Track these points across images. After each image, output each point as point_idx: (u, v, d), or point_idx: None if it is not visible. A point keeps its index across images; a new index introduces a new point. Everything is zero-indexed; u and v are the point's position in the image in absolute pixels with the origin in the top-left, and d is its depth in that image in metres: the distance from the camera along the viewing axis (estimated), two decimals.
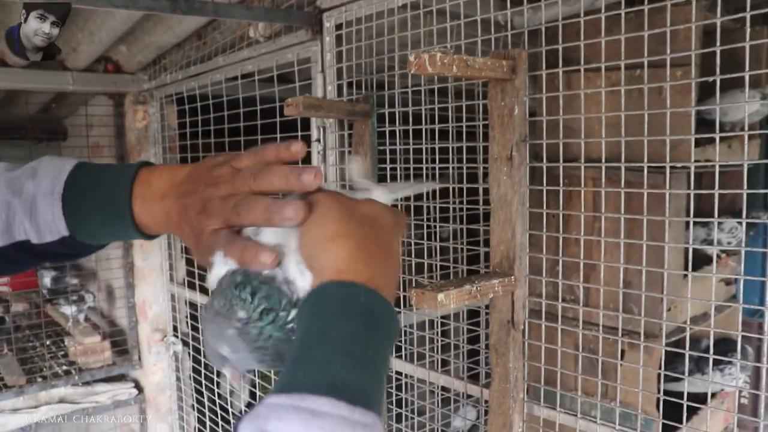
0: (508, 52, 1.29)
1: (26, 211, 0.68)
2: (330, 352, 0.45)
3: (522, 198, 1.34)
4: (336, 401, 0.42)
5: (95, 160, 2.97)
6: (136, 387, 3.04)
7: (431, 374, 1.68)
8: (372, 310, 0.48)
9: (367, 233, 0.53)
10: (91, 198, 0.68)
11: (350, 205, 0.55)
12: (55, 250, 0.69)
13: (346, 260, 0.51)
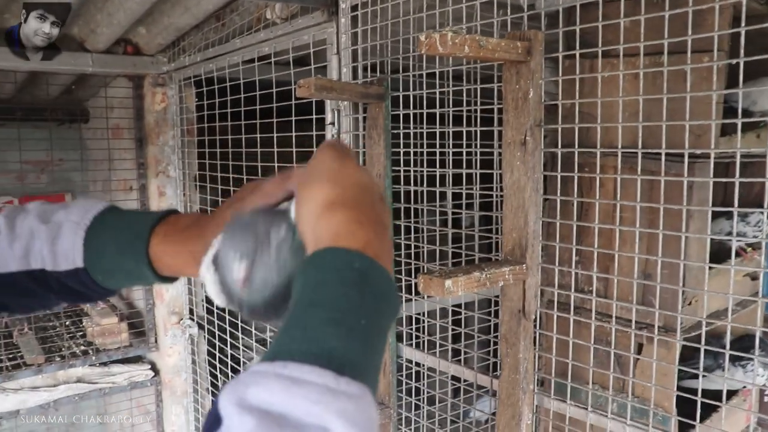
0: (523, 33, 1.25)
1: (49, 238, 0.70)
2: (318, 319, 0.43)
3: (536, 184, 1.31)
4: (321, 370, 0.40)
5: (115, 142, 2.99)
6: (152, 369, 3.06)
7: (442, 363, 1.66)
8: (367, 277, 0.45)
9: (360, 198, 0.51)
10: (112, 232, 0.71)
11: (341, 170, 0.53)
12: (67, 283, 0.70)
13: (343, 224, 0.49)
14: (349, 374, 0.40)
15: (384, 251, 0.49)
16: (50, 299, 0.72)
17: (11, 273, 0.69)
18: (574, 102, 1.34)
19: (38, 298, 0.71)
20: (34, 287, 0.70)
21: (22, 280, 0.69)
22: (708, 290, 1.48)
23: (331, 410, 0.38)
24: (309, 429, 0.37)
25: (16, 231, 0.70)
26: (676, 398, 1.61)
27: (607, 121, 1.51)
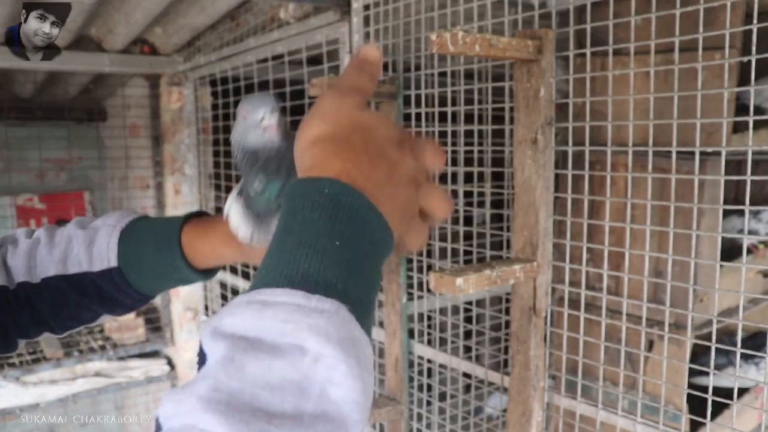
0: (534, 32, 1.26)
1: (86, 241, 0.74)
2: (290, 244, 0.42)
3: (546, 182, 1.32)
4: (291, 290, 0.39)
5: (132, 140, 3.03)
6: (168, 364, 3.11)
7: (453, 360, 1.67)
8: (338, 201, 0.44)
9: (347, 134, 0.49)
10: (145, 231, 0.75)
11: (334, 108, 0.51)
12: (102, 285, 0.73)
13: (319, 157, 0.47)
14: (322, 292, 0.40)
15: (369, 181, 0.46)
16: (85, 306, 0.73)
17: (51, 277, 0.72)
18: (585, 100, 1.35)
19: (74, 307, 0.73)
20: (70, 292, 0.72)
21: (59, 285, 0.72)
22: (719, 288, 1.48)
23: (302, 327, 0.37)
24: (283, 348, 0.37)
25: (55, 240, 0.74)
26: (687, 395, 1.61)
27: (618, 118, 1.52)
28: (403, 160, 0.49)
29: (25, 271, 0.72)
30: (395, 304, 1.74)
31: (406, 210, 0.49)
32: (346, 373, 0.37)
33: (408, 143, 0.51)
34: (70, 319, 0.75)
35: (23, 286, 0.72)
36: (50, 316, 0.73)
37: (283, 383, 0.36)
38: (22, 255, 0.73)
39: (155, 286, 0.75)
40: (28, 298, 0.71)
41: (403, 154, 0.50)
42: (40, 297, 0.72)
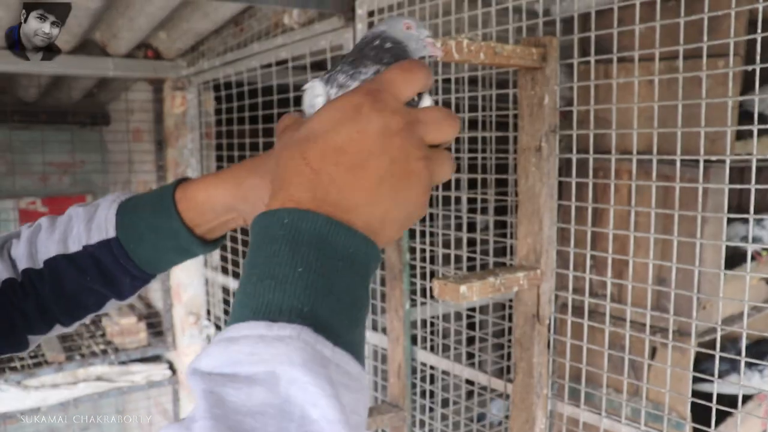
0: (538, 40, 1.26)
1: (85, 218, 0.73)
2: (255, 278, 0.43)
3: (550, 190, 1.32)
4: (254, 323, 0.40)
5: (135, 144, 3.03)
6: (170, 368, 3.11)
7: (456, 366, 1.67)
8: (298, 228, 0.44)
9: (338, 141, 0.47)
10: (142, 199, 0.73)
11: (346, 115, 0.49)
12: (100, 258, 0.71)
13: (290, 172, 0.47)
14: (285, 319, 0.40)
15: (347, 193, 0.46)
16: (86, 287, 0.71)
17: (52, 258, 0.71)
18: (589, 108, 1.35)
19: (76, 288, 0.71)
20: (71, 272, 0.71)
21: (60, 265, 0.71)
22: (723, 297, 1.48)
23: (265, 358, 0.38)
24: (257, 377, 0.38)
25: (56, 223, 0.74)
26: (691, 402, 1.61)
27: (621, 125, 1.52)
28: (405, 151, 0.48)
29: (27, 258, 0.72)
30: (398, 311, 1.74)
31: (408, 200, 0.49)
32: (317, 393, 0.37)
33: (413, 124, 0.49)
34: (73, 305, 0.74)
35: (26, 272, 0.71)
36: (54, 301, 0.72)
37: (264, 408, 0.37)
38: (23, 243, 0.73)
39: (154, 258, 0.73)
40: (32, 284, 0.71)
41: (406, 143, 0.48)
42: (42, 281, 0.71)
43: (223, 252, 2.79)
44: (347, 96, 0.50)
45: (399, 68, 0.52)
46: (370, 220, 0.47)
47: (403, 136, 0.48)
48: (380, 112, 0.48)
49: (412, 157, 0.49)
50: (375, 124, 0.48)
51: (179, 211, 0.71)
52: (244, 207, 0.70)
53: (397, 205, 0.48)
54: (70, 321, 0.74)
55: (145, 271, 0.73)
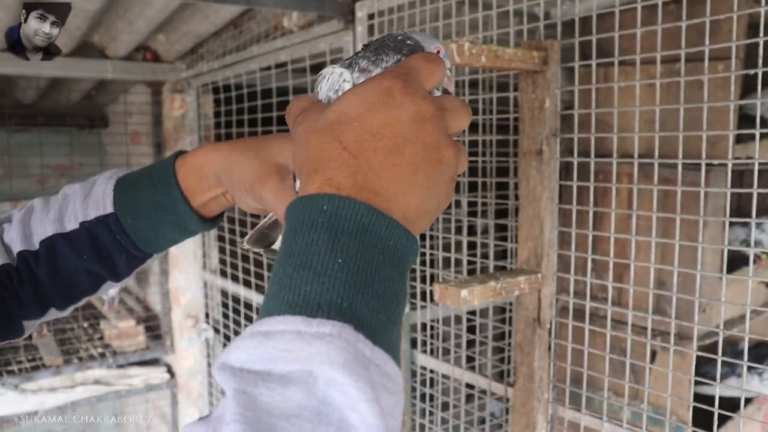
0: (539, 43, 1.26)
1: (81, 194, 0.72)
2: (291, 269, 0.41)
3: (551, 194, 1.31)
4: (291, 317, 0.38)
5: (134, 147, 3.03)
6: (168, 372, 3.09)
7: (456, 370, 1.67)
8: (338, 216, 0.42)
9: (373, 127, 0.46)
10: (141, 174, 0.72)
11: (378, 102, 0.47)
12: (97, 234, 0.69)
13: (327, 155, 0.45)
14: (324, 315, 0.38)
15: (383, 180, 0.44)
16: (82, 267, 0.70)
17: (48, 237, 0.70)
18: (591, 111, 1.35)
19: (72, 268, 0.70)
20: (67, 251, 0.69)
21: (56, 244, 0.70)
22: (724, 301, 1.48)
23: (303, 356, 0.36)
24: (292, 376, 0.36)
25: (50, 203, 0.72)
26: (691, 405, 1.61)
27: (622, 128, 1.52)
28: (437, 138, 0.47)
29: (21, 240, 0.70)
30: None
31: (439, 190, 0.47)
32: (358, 397, 0.36)
33: (442, 110, 0.48)
34: (69, 286, 0.72)
35: (22, 254, 0.70)
36: (50, 283, 0.70)
37: (300, 411, 0.35)
38: (16, 225, 0.71)
39: (151, 234, 0.71)
40: (27, 267, 0.69)
41: (437, 130, 0.47)
42: (38, 262, 0.69)
43: (222, 255, 2.79)
44: (376, 79, 0.48)
45: (422, 57, 0.52)
46: (407, 211, 0.45)
47: (434, 123, 0.47)
48: (412, 96, 0.47)
49: (443, 144, 0.47)
50: (408, 109, 0.46)
51: (178, 180, 0.69)
52: (228, 181, 0.69)
53: (430, 194, 0.47)
54: (65, 304, 0.73)
55: (141, 249, 0.71)
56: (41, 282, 0.70)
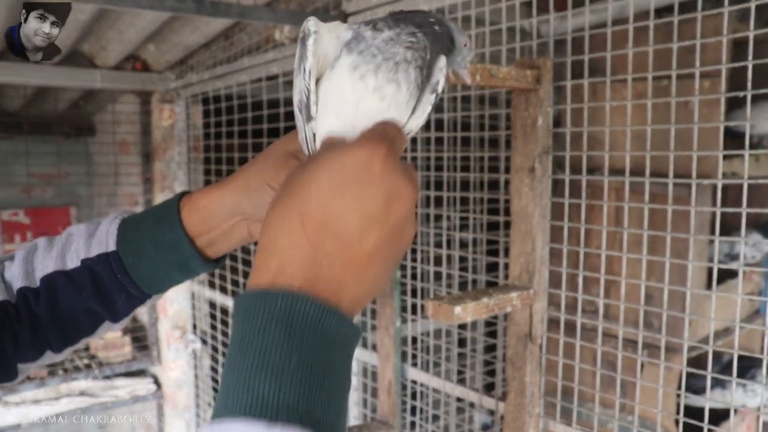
0: (533, 61, 1.27)
1: (86, 233, 0.72)
2: (247, 368, 0.41)
3: (543, 210, 1.33)
4: (252, 421, 0.38)
5: (122, 156, 3.01)
6: (154, 383, 3.07)
7: (447, 384, 1.67)
8: (293, 314, 0.42)
9: (302, 202, 0.45)
10: (146, 213, 0.72)
11: (348, 180, 0.46)
12: (98, 272, 0.69)
13: (281, 246, 0.45)
14: (283, 419, 0.39)
15: (336, 271, 0.45)
16: (81, 306, 0.70)
17: (49, 274, 0.70)
18: (581, 129, 1.36)
19: (71, 307, 0.69)
20: (68, 288, 0.69)
21: (57, 281, 0.69)
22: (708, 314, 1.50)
23: None
24: None
25: (54, 242, 0.72)
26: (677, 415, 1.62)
27: (610, 142, 1.53)
28: (406, 216, 0.46)
29: (23, 277, 0.70)
30: (389, 328, 1.74)
31: (390, 268, 0.47)
32: None
33: (415, 185, 0.48)
34: (68, 325, 0.71)
35: (22, 291, 0.69)
36: (48, 321, 0.69)
37: None
38: (18, 263, 0.71)
39: (152, 273, 0.71)
40: (26, 304, 0.69)
41: (409, 207, 0.46)
42: (38, 299, 0.69)
43: None
44: (357, 147, 0.46)
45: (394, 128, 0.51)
46: (356, 296, 0.46)
47: (407, 202, 0.46)
48: (392, 172, 0.46)
49: (409, 224, 0.47)
50: (386, 187, 0.45)
51: (182, 218, 0.69)
52: (252, 210, 0.69)
53: (382, 277, 0.47)
54: (62, 346, 0.72)
55: (141, 289, 0.71)
56: (39, 320, 0.69)
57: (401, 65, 0.54)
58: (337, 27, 0.59)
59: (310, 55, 0.56)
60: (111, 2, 1.47)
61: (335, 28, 0.59)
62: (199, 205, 0.70)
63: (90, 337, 0.75)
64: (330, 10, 1.85)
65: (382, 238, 0.45)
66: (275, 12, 1.75)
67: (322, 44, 0.58)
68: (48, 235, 0.75)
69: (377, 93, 0.54)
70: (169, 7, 1.54)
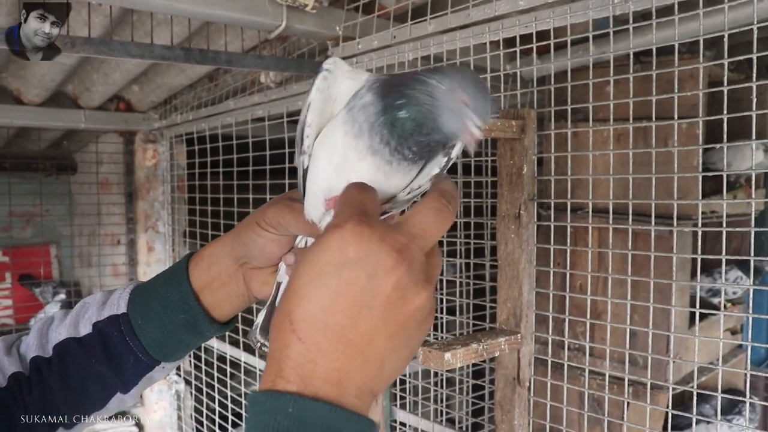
0: (517, 112, 1.31)
1: (101, 300, 0.74)
2: None
3: (530, 256, 1.35)
4: None
5: (104, 196, 3.00)
6: (137, 425, 3.02)
7: (436, 427, 1.67)
8: (304, 420, 0.42)
9: (288, 303, 0.45)
10: (156, 277, 0.74)
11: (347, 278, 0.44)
12: (107, 333, 0.70)
13: (292, 354, 0.44)
14: None
15: (350, 373, 0.44)
16: (92, 373, 0.70)
17: (60, 342, 0.71)
18: (565, 177, 1.40)
19: (82, 375, 0.69)
20: (79, 354, 0.70)
21: (68, 347, 0.70)
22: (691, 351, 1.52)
23: None
24: None
25: (70, 312, 0.73)
26: None
27: (593, 180, 1.57)
28: (402, 291, 0.44)
29: (36, 347, 0.71)
30: None
31: (405, 345, 0.46)
32: None
33: (406, 249, 0.45)
34: (78, 394, 0.70)
35: (35, 360, 0.70)
36: (59, 389, 0.69)
37: None
38: (33, 334, 0.72)
39: (161, 336, 0.70)
40: (38, 373, 0.69)
41: (400, 281, 0.44)
42: (49, 368, 0.69)
43: None
44: (328, 237, 0.45)
45: (434, 210, 0.48)
46: (365, 380, 0.45)
47: (397, 272, 0.44)
48: (368, 244, 0.44)
49: (410, 293, 0.45)
50: (365, 265, 0.44)
51: (189, 274, 0.71)
52: (243, 251, 0.70)
53: (393, 355, 0.45)
54: (73, 420, 0.72)
55: (150, 353, 0.71)
56: (51, 390, 0.69)
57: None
58: (359, 74, 0.61)
59: (313, 90, 0.59)
60: (101, 52, 1.48)
61: (357, 75, 0.61)
62: (203, 254, 0.73)
63: (101, 411, 0.74)
64: (316, 55, 1.88)
65: (376, 317, 0.44)
66: (262, 58, 1.78)
67: (336, 85, 0.60)
68: (66, 309, 0.76)
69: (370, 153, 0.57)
70: (158, 56, 1.56)
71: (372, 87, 0.58)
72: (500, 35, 1.36)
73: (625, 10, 1.20)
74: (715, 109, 1.34)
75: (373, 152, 0.57)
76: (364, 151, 0.57)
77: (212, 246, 0.73)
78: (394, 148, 0.57)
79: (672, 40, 1.20)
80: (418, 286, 0.45)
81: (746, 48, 1.10)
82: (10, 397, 0.67)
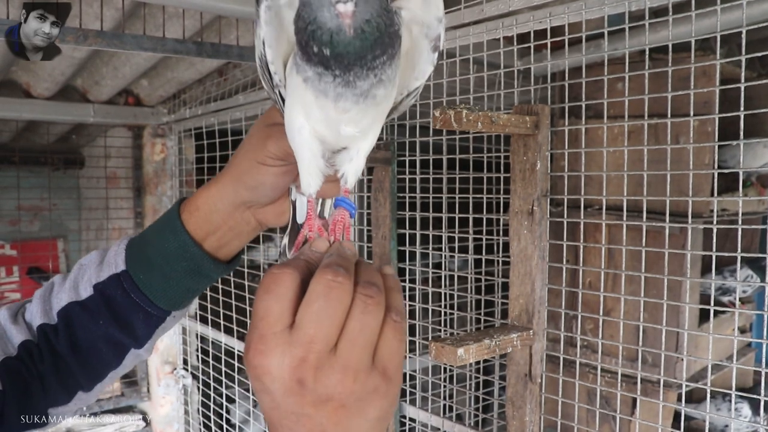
0: (531, 107, 1.30)
1: (97, 261, 0.72)
2: None
3: (542, 252, 1.34)
4: None
5: (112, 191, 3.00)
6: (143, 419, 3.02)
7: (446, 423, 1.67)
8: None
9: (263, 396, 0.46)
10: (149, 230, 0.72)
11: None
12: (111, 295, 0.69)
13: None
14: None
15: None
16: (101, 334, 0.69)
17: (63, 307, 0.70)
18: (578, 170, 1.39)
19: (90, 337, 0.68)
20: (84, 318, 0.69)
21: (72, 311, 0.69)
22: (700, 347, 1.52)
23: None
24: None
25: (68, 276, 0.73)
26: None
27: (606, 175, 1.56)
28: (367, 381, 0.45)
29: (41, 315, 0.70)
30: None
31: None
32: None
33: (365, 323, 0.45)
34: (90, 358, 0.69)
35: (41, 328, 0.69)
36: (71, 357, 0.68)
37: None
38: (36, 301, 0.71)
39: (166, 287, 0.69)
40: (47, 341, 0.68)
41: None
42: (57, 335, 0.68)
43: (202, 301, 2.76)
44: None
45: (321, 297, 0.45)
46: None
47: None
48: (315, 379, 0.44)
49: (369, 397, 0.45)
50: (308, 396, 0.44)
51: (183, 222, 0.69)
52: (249, 195, 0.67)
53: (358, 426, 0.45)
54: (91, 382, 0.71)
55: (158, 305, 0.70)
56: (62, 356, 0.69)
57: None
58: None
59: (262, 23, 0.54)
60: (113, 45, 1.48)
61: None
62: (198, 204, 0.70)
63: (118, 369, 0.73)
64: None
65: (309, 424, 0.44)
66: None
67: (282, 13, 0.55)
68: (64, 273, 0.75)
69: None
70: (170, 49, 1.56)
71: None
72: (514, 31, 1.36)
73: (641, 5, 1.19)
74: (725, 107, 1.34)
75: (323, 90, 0.53)
76: (317, 92, 0.53)
77: (207, 194, 0.70)
78: (336, 74, 0.51)
79: (687, 36, 1.19)
80: (328, 387, 0.44)
81: (755, 46, 1.09)
82: (22, 366, 0.67)
